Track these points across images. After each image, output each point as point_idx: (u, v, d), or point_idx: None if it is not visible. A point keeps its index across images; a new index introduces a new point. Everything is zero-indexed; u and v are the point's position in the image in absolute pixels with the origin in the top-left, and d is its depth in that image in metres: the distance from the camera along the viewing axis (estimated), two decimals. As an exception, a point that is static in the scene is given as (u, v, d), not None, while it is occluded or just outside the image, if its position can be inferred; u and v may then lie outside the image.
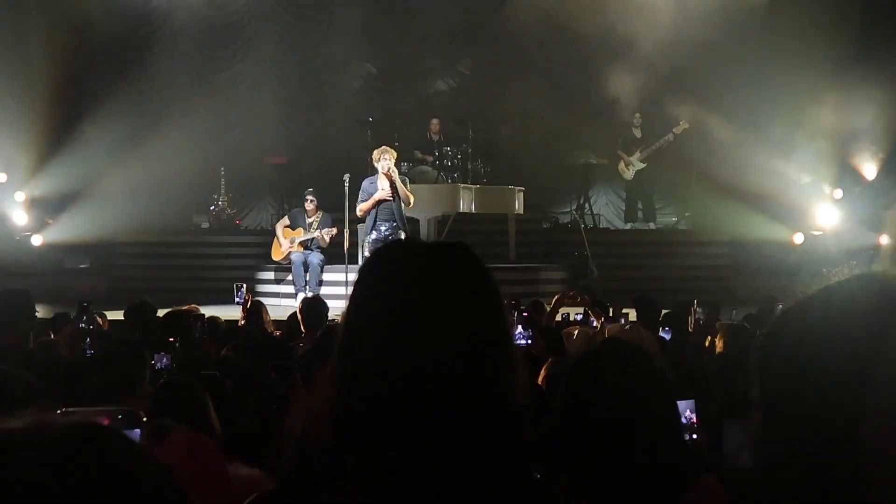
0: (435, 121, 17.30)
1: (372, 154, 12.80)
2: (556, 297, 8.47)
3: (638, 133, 17.65)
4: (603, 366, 2.27)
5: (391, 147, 12.87)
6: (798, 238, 16.94)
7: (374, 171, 12.90)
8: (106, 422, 1.11)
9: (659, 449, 2.14)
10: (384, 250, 1.70)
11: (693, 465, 2.26)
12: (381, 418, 1.52)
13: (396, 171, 12.52)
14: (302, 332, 7.73)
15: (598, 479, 2.14)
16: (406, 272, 1.60)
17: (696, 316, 7.28)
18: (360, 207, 12.70)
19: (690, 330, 7.90)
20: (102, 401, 4.11)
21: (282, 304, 13.85)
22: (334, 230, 14.13)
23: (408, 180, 13.05)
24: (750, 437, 1.84)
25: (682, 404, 2.53)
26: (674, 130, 17.20)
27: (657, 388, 2.22)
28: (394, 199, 12.51)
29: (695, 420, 3.23)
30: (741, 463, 2.23)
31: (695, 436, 3.26)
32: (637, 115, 17.69)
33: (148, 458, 1.08)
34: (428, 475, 1.50)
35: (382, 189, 12.45)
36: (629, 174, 17.74)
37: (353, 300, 1.62)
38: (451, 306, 1.57)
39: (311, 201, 14.61)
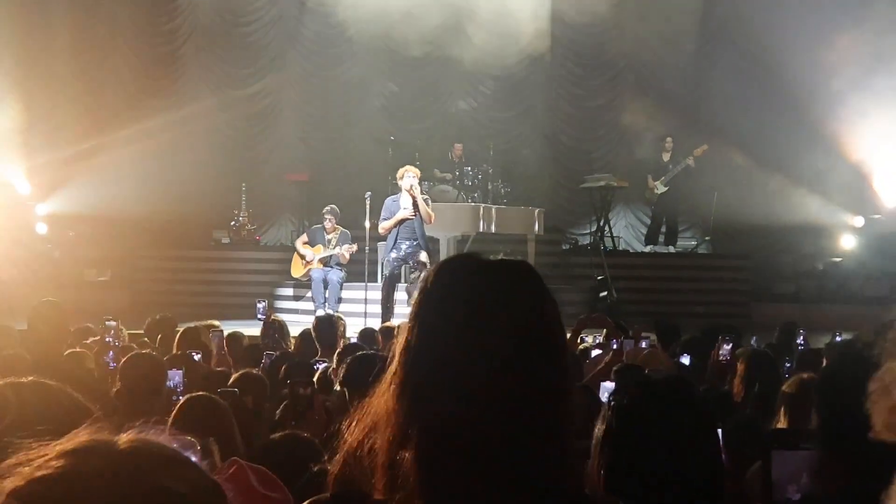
0: (458, 145, 17.31)
1: (396, 173, 12.87)
2: (577, 320, 8.44)
3: (666, 157, 17.61)
4: (647, 398, 2.28)
5: (413, 166, 12.94)
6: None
7: (396, 190, 12.94)
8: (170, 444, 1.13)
9: (701, 480, 2.15)
10: (448, 265, 1.70)
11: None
12: (443, 433, 1.53)
13: (419, 189, 12.57)
14: (317, 350, 7.74)
15: None
16: (471, 288, 1.61)
17: (722, 352, 7.23)
18: (383, 226, 12.75)
19: (712, 359, 7.84)
20: (123, 414, 4.14)
21: (300, 320, 13.84)
22: (354, 246, 14.16)
23: (430, 199, 13.08)
24: (802, 468, 1.84)
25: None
26: (694, 153, 17.17)
27: (699, 420, 2.23)
28: (415, 217, 12.56)
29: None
30: (790, 494, 2.20)
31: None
32: (668, 139, 17.65)
33: (209, 482, 1.10)
34: (484, 492, 1.52)
35: (405, 208, 12.49)
36: (654, 198, 17.72)
37: (417, 315, 1.63)
38: (516, 323, 1.58)
39: (330, 219, 14.63)
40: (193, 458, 1.14)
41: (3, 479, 1.05)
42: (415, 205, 12.48)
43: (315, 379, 5.30)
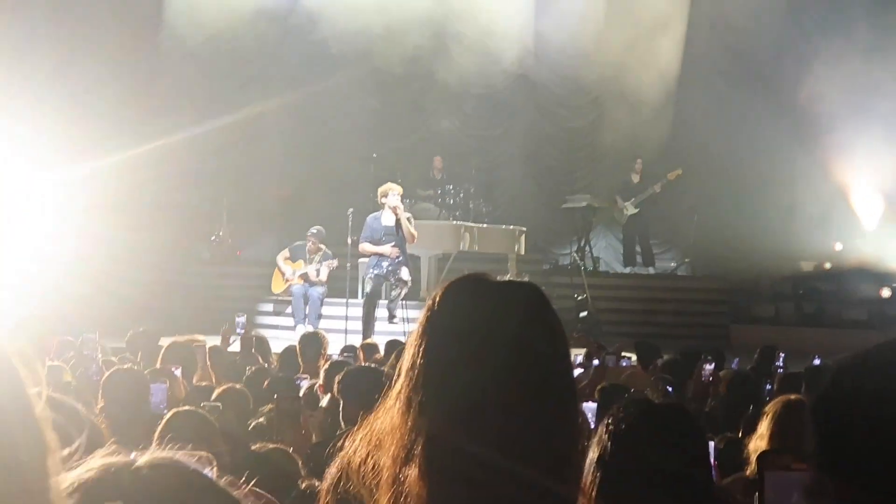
0: (437, 158, 17.38)
1: (377, 190, 12.90)
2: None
3: (636, 178, 17.72)
4: (649, 425, 2.29)
5: (390, 183, 13.00)
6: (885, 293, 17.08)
7: (377, 207, 12.98)
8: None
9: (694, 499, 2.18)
10: (456, 285, 1.71)
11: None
12: (449, 451, 1.55)
13: (402, 207, 12.60)
14: (300, 366, 7.74)
15: None
16: (479, 308, 1.63)
17: (704, 373, 7.28)
18: (363, 248, 12.80)
19: (694, 379, 7.89)
20: (107, 428, 4.13)
21: (280, 336, 13.82)
22: (335, 262, 14.14)
23: (412, 217, 13.10)
24: (794, 488, 1.85)
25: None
26: (668, 176, 17.25)
27: (699, 449, 2.25)
28: (395, 235, 12.60)
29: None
30: None
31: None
32: (639, 160, 17.77)
33: (231, 497, 1.11)
34: None
35: (385, 240, 12.58)
36: (622, 219, 17.82)
37: (424, 333, 1.64)
38: (523, 343, 1.60)
39: (313, 241, 14.53)
40: (212, 475, 1.13)
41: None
42: (397, 224, 12.52)
43: (301, 395, 5.30)
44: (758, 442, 3.91)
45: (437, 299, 1.68)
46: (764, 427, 3.91)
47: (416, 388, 1.60)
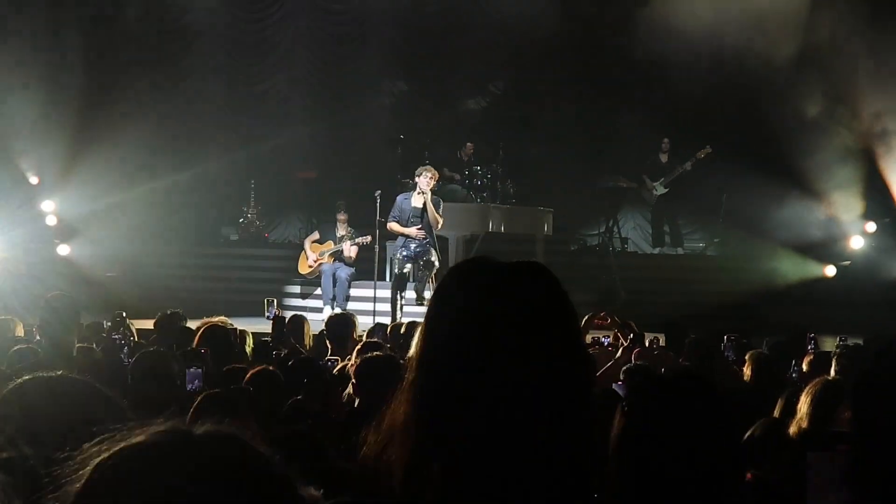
0: (469, 144, 17.30)
1: (404, 171, 12.93)
2: (584, 318, 8.41)
3: (664, 158, 17.63)
4: (662, 395, 2.25)
5: (429, 166, 12.98)
6: (830, 271, 16.84)
7: (404, 189, 13.01)
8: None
9: (719, 482, 2.13)
10: (458, 271, 1.68)
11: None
12: (461, 438, 1.52)
13: (430, 193, 12.57)
14: (328, 348, 7.73)
15: None
16: (486, 291, 1.59)
17: (726, 353, 7.22)
18: (390, 227, 12.81)
19: (718, 359, 7.84)
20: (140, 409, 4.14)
21: (308, 318, 13.84)
22: (368, 237, 14.12)
23: (441, 202, 13.05)
24: (839, 471, 1.81)
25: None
26: (697, 155, 17.16)
27: (716, 414, 2.20)
28: (422, 218, 12.61)
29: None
30: (829, 499, 2.14)
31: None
32: (665, 140, 17.67)
33: (278, 466, 1.17)
34: (503, 496, 1.51)
35: (413, 222, 12.58)
36: (652, 199, 17.74)
37: (432, 319, 1.62)
38: (531, 325, 1.57)
39: (343, 214, 14.65)
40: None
41: (90, 459, 1.13)
42: (424, 208, 12.53)
43: (331, 377, 5.30)
44: (799, 423, 3.85)
45: (442, 287, 1.65)
46: (804, 408, 3.85)
47: (425, 380, 1.58)
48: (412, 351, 1.63)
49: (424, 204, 12.52)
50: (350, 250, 14.27)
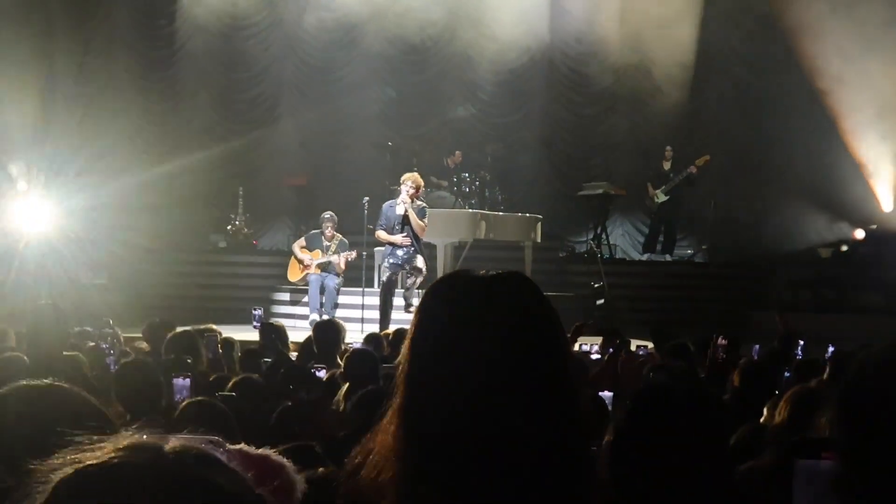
0: (458, 152, 17.31)
1: (392, 179, 12.92)
2: (574, 326, 8.43)
3: (667, 165, 17.66)
4: (664, 401, 2.25)
5: (412, 174, 12.96)
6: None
7: (393, 196, 13.01)
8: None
9: (713, 486, 2.13)
10: (443, 283, 1.68)
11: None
12: (445, 451, 1.51)
13: (410, 203, 12.54)
14: (314, 355, 7.69)
15: None
16: (467, 304, 1.58)
17: (718, 352, 7.19)
18: (378, 235, 12.81)
19: (708, 359, 7.81)
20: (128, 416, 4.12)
21: (296, 325, 13.84)
22: (353, 253, 14.14)
23: (427, 209, 13.03)
24: (825, 479, 1.80)
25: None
26: (696, 163, 17.21)
27: (716, 429, 2.21)
28: (406, 225, 12.63)
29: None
30: None
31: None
32: (668, 148, 17.71)
33: (248, 487, 1.13)
34: None
35: (398, 230, 12.58)
36: (654, 207, 17.77)
37: (416, 332, 1.61)
38: (513, 336, 1.56)
39: (329, 226, 14.58)
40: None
41: (55, 473, 1.09)
42: (406, 218, 12.52)
43: (320, 385, 5.28)
44: (776, 428, 3.86)
45: (425, 300, 1.64)
46: (783, 414, 3.87)
47: (406, 392, 1.57)
48: (398, 371, 1.62)
49: (406, 215, 12.54)
50: (340, 262, 14.25)
